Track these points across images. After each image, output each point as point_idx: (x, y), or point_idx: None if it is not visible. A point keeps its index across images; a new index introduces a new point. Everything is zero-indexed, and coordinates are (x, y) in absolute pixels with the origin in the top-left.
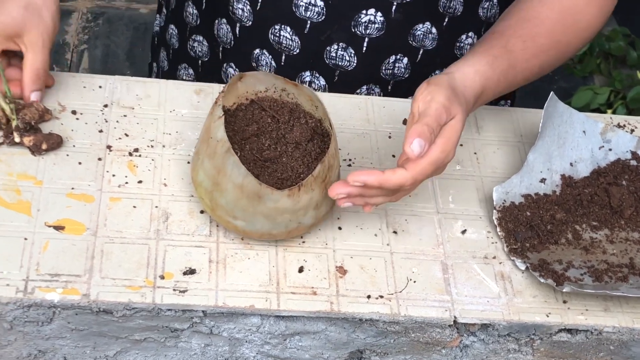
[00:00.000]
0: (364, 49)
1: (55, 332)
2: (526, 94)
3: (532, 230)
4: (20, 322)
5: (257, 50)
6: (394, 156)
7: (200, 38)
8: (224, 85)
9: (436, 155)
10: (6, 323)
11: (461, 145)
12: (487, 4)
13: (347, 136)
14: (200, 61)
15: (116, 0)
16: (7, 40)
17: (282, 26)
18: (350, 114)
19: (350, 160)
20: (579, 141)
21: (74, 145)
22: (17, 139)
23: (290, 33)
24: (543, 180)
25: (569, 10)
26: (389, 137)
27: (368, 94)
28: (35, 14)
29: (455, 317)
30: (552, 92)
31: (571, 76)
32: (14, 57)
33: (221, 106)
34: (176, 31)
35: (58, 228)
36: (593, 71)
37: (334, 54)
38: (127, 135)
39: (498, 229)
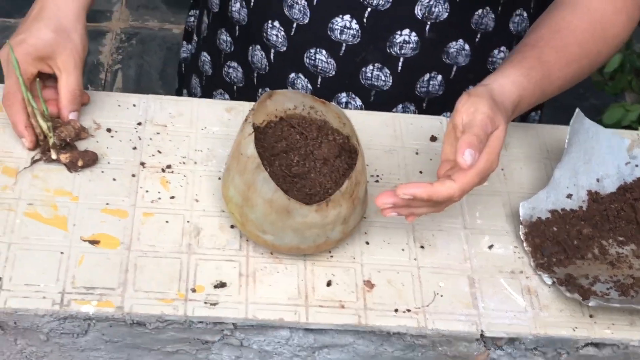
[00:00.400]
0: (399, 68)
1: (90, 343)
2: (557, 111)
3: (558, 245)
4: (56, 334)
5: (293, 74)
6: (421, 172)
7: (235, 64)
8: (254, 103)
9: (482, 165)
10: (43, 335)
11: None
12: (518, 18)
13: (375, 153)
14: (235, 87)
15: (149, 20)
16: (40, 63)
17: (318, 50)
18: (378, 130)
19: (377, 176)
20: (605, 157)
21: (108, 162)
22: (53, 156)
23: (326, 56)
24: (569, 196)
25: (598, 20)
26: (416, 153)
27: (403, 112)
28: (65, 37)
29: (482, 330)
30: (577, 109)
31: (602, 93)
32: (49, 78)
33: (251, 123)
34: (209, 58)
35: (93, 242)
36: (624, 88)
37: (369, 75)
38: (160, 152)
39: (525, 244)
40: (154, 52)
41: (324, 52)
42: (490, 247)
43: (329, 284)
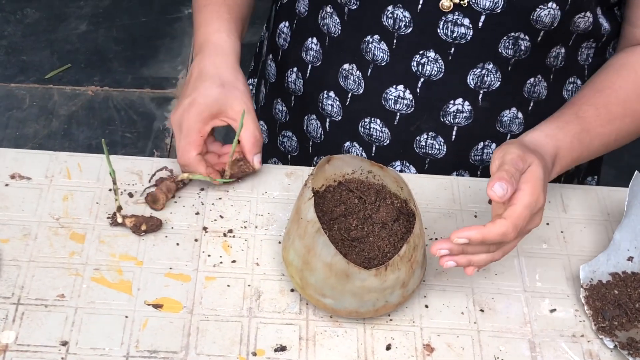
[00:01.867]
0: (453, 137)
1: None
2: (620, 172)
3: (620, 308)
4: None
5: (347, 143)
6: None
7: (290, 133)
8: (313, 168)
9: (527, 199)
10: None
11: (547, 224)
12: (571, 86)
13: (433, 216)
14: (289, 155)
15: None
16: (213, 119)
17: (372, 119)
18: (436, 194)
19: (436, 239)
20: None
21: (172, 227)
22: (119, 220)
23: (380, 125)
24: (630, 259)
25: None
26: (475, 216)
27: None
28: (231, 88)
29: None
30: (637, 171)
31: None
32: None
33: (311, 188)
34: (265, 127)
35: (157, 306)
36: None
37: (423, 143)
38: (221, 217)
39: (586, 307)
40: None
41: (378, 121)
42: (553, 310)
43: (388, 347)
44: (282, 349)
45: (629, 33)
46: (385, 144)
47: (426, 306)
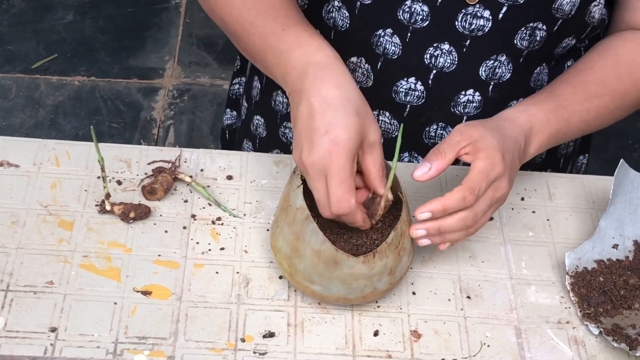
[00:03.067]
0: None
1: None
2: (606, 163)
3: (605, 295)
4: None
5: None
6: None
7: (292, 125)
8: None
9: (480, 164)
10: None
11: (533, 212)
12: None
13: (420, 203)
14: (291, 146)
15: (200, 77)
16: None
17: (381, 111)
18: (424, 182)
19: None
20: None
21: (160, 215)
22: (107, 207)
23: (389, 117)
24: (615, 246)
25: (625, 63)
26: None
27: None
28: (365, 115)
29: None
30: (622, 160)
31: None
32: None
33: (299, 175)
34: (263, 121)
35: (145, 293)
36: None
37: (433, 134)
38: (210, 205)
39: (571, 294)
40: (205, 108)
41: (387, 113)
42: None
43: (376, 334)
44: (271, 335)
45: (619, 16)
46: (394, 135)
47: (413, 293)
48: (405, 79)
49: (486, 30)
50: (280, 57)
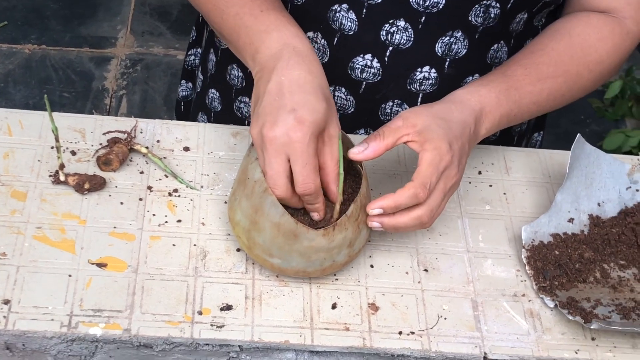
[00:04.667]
0: (418, 103)
1: None
2: (558, 137)
3: (560, 268)
4: (64, 356)
5: None
6: None
7: (247, 99)
8: None
9: (428, 156)
10: (50, 357)
11: (490, 186)
12: None
13: (378, 177)
14: (247, 121)
15: (154, 47)
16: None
17: (337, 87)
18: (382, 155)
19: None
20: (606, 182)
21: (116, 186)
22: (62, 178)
23: (345, 93)
24: (571, 220)
25: (578, 44)
26: None
27: None
28: (331, 105)
29: (485, 353)
30: (579, 134)
31: (603, 119)
32: None
33: None
34: (217, 95)
35: (101, 265)
36: (625, 114)
37: (388, 111)
38: (166, 176)
39: (527, 268)
40: (158, 78)
41: (343, 89)
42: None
43: (334, 306)
44: (228, 307)
45: None
46: (349, 112)
47: (371, 266)
48: (362, 55)
49: (440, 7)
50: (254, 37)
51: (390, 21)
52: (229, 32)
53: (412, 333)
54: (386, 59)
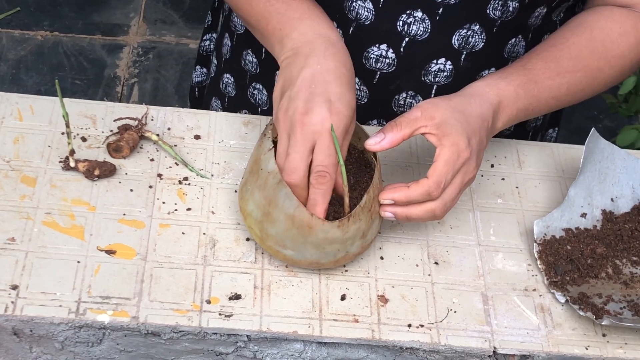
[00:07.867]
0: (432, 95)
1: (105, 352)
2: (572, 132)
3: (572, 263)
4: (71, 343)
5: None
6: None
7: (260, 86)
8: (271, 117)
9: (447, 153)
10: (58, 343)
11: (503, 179)
12: None
13: (390, 169)
14: (259, 109)
15: (166, 35)
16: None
17: None
18: (395, 147)
19: None
20: (620, 177)
21: (126, 173)
22: (72, 164)
23: (359, 83)
24: (584, 215)
25: (600, 39)
26: None
27: None
28: (355, 102)
29: (495, 347)
30: (593, 129)
31: (616, 115)
32: None
33: (270, 138)
34: (232, 80)
35: (109, 252)
36: (638, 110)
37: (402, 102)
38: (177, 164)
39: (538, 262)
40: (170, 67)
41: (357, 79)
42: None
43: (343, 298)
44: (237, 297)
45: None
46: (363, 102)
47: (381, 258)
48: (377, 45)
49: None
50: (286, 23)
51: (408, 12)
52: (258, 18)
53: (422, 326)
54: (401, 49)
